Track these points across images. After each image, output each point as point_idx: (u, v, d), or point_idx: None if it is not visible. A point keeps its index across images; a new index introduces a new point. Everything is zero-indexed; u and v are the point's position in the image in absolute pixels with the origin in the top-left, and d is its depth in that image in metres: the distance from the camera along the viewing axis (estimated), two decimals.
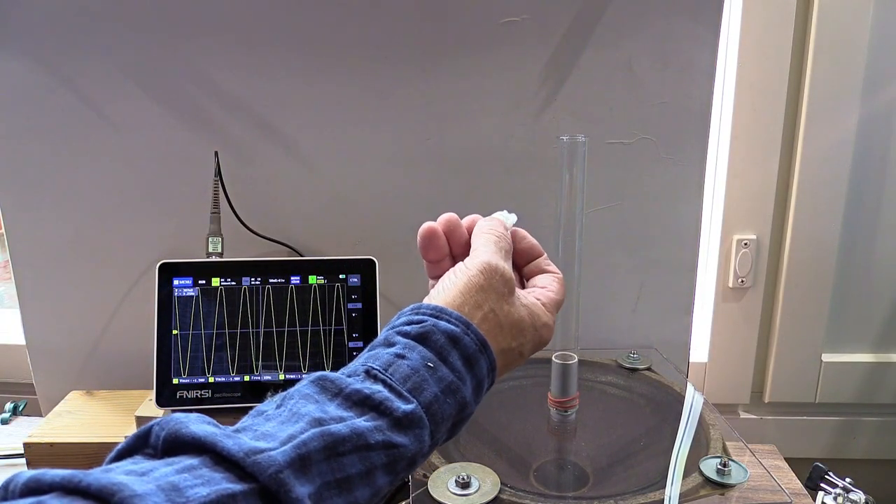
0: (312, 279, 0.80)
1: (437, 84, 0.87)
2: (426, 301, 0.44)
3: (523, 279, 0.51)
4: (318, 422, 0.34)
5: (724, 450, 0.64)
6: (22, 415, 0.98)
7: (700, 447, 0.65)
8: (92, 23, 0.86)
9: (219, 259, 0.83)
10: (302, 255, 0.92)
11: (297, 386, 0.38)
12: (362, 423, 0.35)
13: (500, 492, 0.57)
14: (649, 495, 0.58)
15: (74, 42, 0.87)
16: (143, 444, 0.33)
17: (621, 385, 0.79)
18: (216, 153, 0.85)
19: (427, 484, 0.57)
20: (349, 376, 0.38)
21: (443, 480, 0.57)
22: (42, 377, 0.99)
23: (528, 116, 0.88)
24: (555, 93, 0.87)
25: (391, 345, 0.40)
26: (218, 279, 0.79)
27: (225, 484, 0.30)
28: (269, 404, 0.37)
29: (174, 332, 0.78)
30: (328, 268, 0.81)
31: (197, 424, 0.32)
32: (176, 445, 0.32)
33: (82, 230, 0.93)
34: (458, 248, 0.49)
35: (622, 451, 0.70)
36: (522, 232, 0.51)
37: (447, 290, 0.44)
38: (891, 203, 1.00)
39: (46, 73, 0.88)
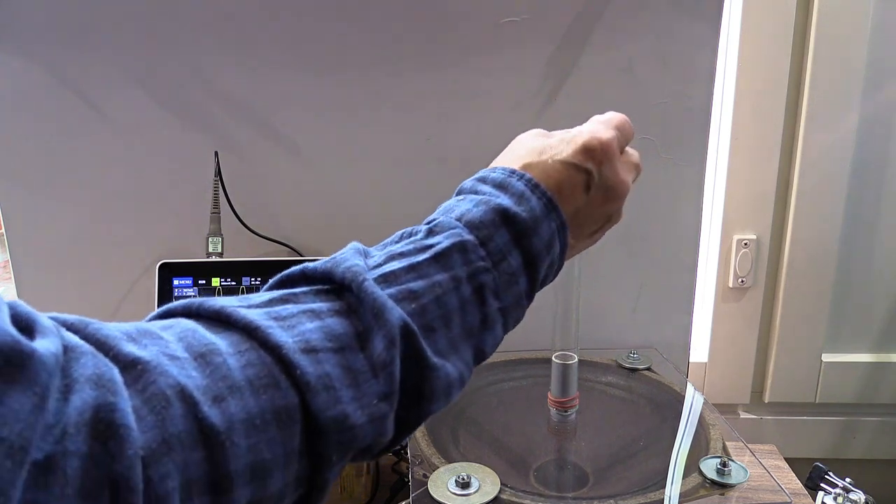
0: None
1: (437, 84, 0.87)
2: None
3: None
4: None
5: (724, 450, 0.64)
6: None
7: (700, 447, 0.65)
8: (92, 23, 0.86)
9: (219, 259, 0.82)
10: (302, 255, 0.92)
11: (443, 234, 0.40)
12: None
13: (500, 492, 0.57)
14: (649, 495, 0.58)
15: (74, 42, 0.87)
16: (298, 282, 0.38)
17: (621, 385, 0.79)
18: (216, 153, 0.85)
19: (427, 484, 0.57)
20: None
21: (443, 480, 0.57)
22: None
23: (528, 116, 0.88)
24: (555, 93, 0.87)
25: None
26: (218, 279, 0.79)
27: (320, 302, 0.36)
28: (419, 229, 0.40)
29: None
30: None
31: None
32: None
33: (82, 230, 0.93)
34: None
35: (622, 451, 0.70)
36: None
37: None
38: (891, 203, 1.00)
39: (46, 73, 0.88)
